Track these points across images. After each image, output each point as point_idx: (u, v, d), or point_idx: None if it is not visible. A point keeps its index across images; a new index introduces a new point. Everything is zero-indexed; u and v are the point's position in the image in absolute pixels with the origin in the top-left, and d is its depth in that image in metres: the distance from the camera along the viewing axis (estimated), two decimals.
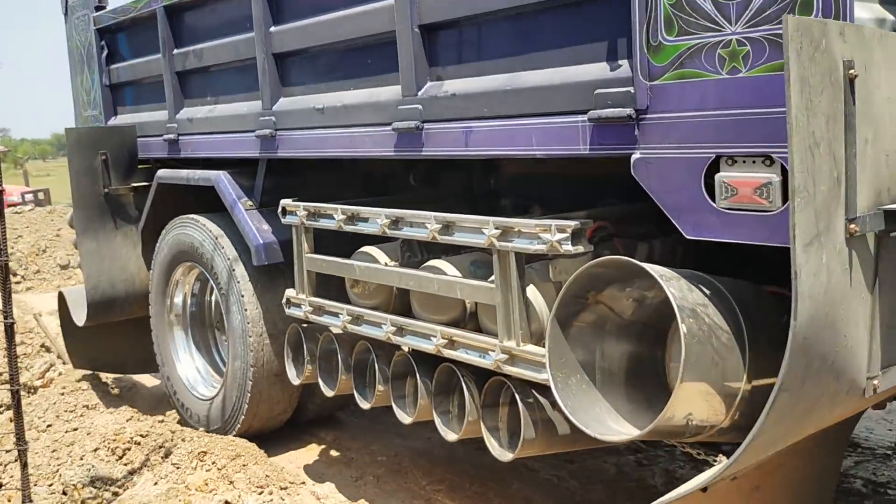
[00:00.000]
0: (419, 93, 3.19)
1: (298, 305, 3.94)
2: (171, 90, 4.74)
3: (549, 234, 2.69)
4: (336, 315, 3.69)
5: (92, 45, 5.47)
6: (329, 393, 3.85)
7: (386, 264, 3.53)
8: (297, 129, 3.86)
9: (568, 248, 2.68)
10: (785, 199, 2.10)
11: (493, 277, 2.94)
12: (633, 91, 2.42)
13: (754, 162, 2.18)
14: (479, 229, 2.92)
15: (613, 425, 2.53)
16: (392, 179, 4.58)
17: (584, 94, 2.58)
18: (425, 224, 3.15)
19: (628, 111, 2.42)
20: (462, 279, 3.10)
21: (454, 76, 3.11)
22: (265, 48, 3.94)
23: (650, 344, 2.64)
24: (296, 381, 4.01)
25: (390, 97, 3.33)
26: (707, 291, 2.33)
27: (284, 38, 3.88)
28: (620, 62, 2.50)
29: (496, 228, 2.85)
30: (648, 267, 2.29)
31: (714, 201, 2.27)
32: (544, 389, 2.85)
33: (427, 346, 3.23)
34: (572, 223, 2.68)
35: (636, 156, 2.44)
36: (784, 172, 2.11)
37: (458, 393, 3.29)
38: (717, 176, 2.25)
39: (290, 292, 3.98)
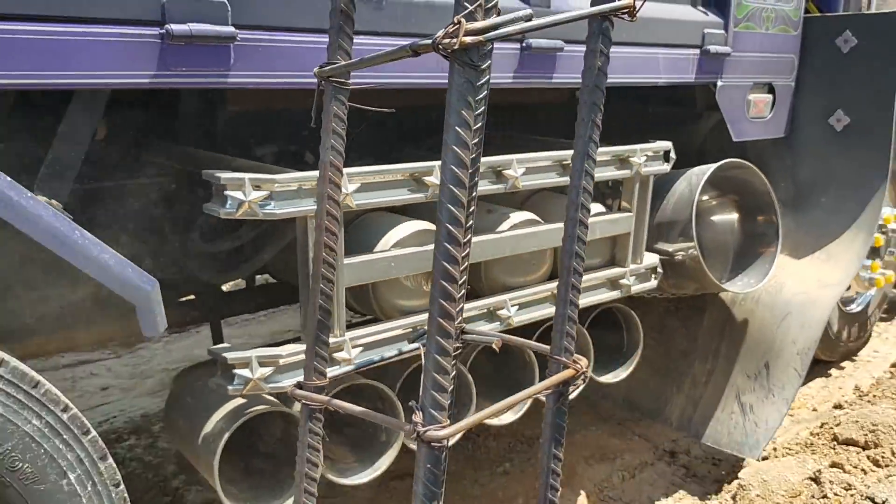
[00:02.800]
0: None
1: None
2: None
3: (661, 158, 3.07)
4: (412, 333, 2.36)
5: None
6: None
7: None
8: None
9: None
10: (772, 109, 3.56)
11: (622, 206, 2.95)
12: (726, 33, 3.19)
13: (761, 86, 3.49)
14: (628, 158, 2.86)
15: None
16: None
17: (692, 31, 3.08)
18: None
19: (727, 49, 3.19)
20: (605, 216, 2.85)
21: None
22: None
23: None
24: None
25: None
26: None
27: None
28: (720, 6, 3.15)
29: (643, 155, 2.91)
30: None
31: (748, 113, 3.44)
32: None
33: (545, 312, 2.77)
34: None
35: (720, 83, 3.25)
36: (773, 92, 3.53)
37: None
38: (748, 97, 3.43)
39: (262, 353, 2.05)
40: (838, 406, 4.11)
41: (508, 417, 2.77)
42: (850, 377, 4.58)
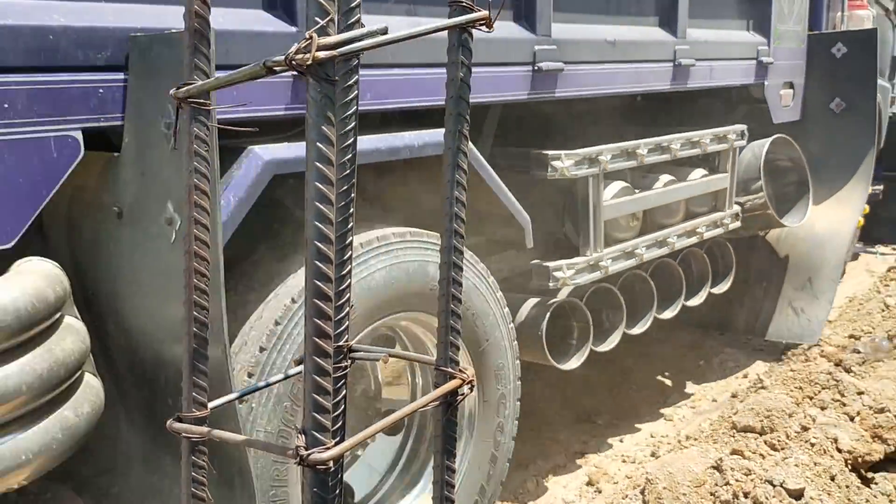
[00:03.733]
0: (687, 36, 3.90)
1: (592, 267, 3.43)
2: None
3: (741, 136, 4.47)
4: (631, 253, 3.67)
5: None
6: None
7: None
8: None
9: None
10: (792, 100, 5.01)
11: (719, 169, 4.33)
12: (769, 48, 4.63)
13: (787, 84, 4.94)
14: (725, 136, 4.23)
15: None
16: None
17: (751, 49, 4.50)
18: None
19: (772, 59, 4.63)
20: (714, 176, 4.22)
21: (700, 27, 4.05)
22: None
23: None
24: None
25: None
26: None
27: None
28: (764, 31, 4.58)
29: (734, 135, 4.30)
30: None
31: (781, 103, 4.89)
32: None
33: (691, 240, 4.12)
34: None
35: (767, 83, 4.68)
36: (792, 87, 4.99)
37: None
38: (780, 92, 4.88)
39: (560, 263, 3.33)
40: (735, 395, 4.42)
41: None
42: (746, 366, 5.00)
